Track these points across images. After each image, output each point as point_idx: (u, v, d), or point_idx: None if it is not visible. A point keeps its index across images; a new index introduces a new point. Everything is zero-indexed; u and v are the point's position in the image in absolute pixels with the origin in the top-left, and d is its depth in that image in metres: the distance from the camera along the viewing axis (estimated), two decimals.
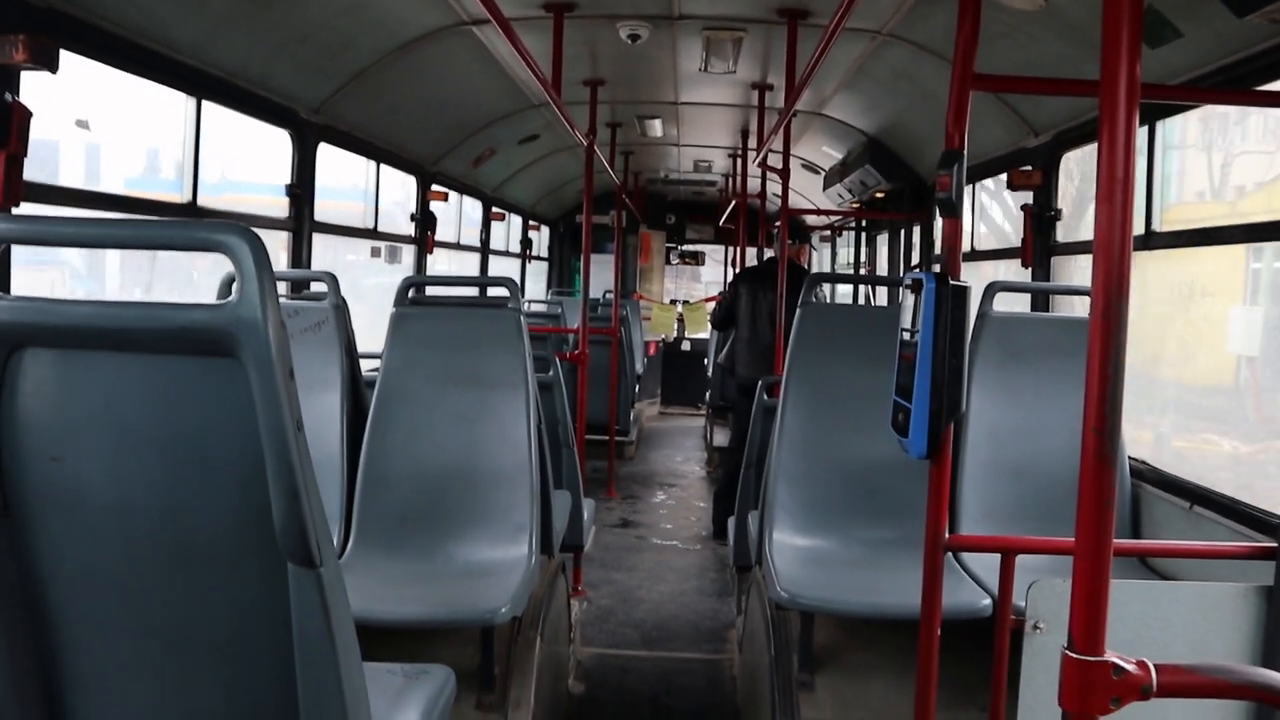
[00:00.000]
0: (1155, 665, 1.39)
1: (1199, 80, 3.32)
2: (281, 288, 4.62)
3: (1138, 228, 3.79)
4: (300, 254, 4.85)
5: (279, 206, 4.84)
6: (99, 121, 4.12)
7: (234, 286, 1.34)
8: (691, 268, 15.27)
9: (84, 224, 1.48)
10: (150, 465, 1.49)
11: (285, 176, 4.82)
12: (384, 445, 3.65)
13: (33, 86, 2.81)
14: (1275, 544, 2.45)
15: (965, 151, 2.30)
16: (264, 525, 1.43)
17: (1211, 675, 1.44)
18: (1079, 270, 4.59)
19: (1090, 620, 1.40)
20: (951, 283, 2.21)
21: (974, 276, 4.98)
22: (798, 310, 3.92)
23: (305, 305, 3.82)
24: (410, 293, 3.84)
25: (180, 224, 1.45)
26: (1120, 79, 1.37)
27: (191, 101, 3.95)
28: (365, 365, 4.12)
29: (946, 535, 2.36)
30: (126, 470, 1.49)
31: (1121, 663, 1.38)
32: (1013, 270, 5.49)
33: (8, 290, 2.76)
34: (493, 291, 4.38)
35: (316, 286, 4.12)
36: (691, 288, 15.77)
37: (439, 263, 7.34)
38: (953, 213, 2.29)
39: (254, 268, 1.33)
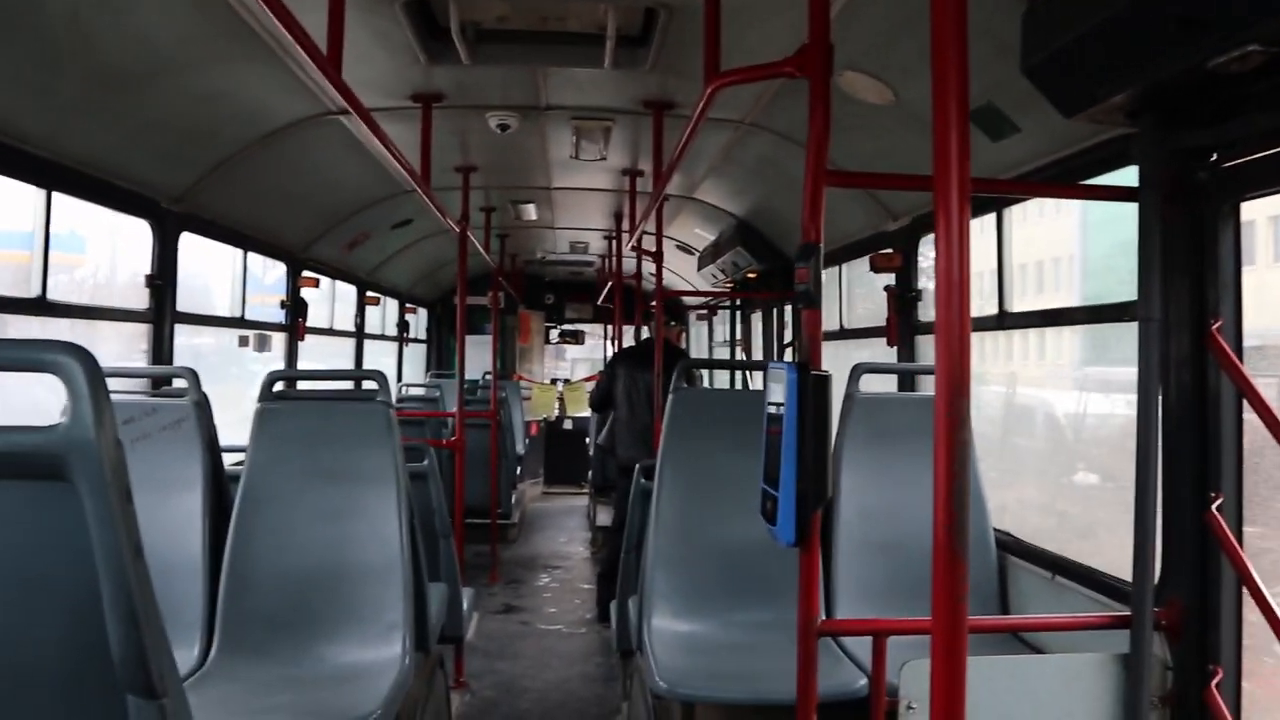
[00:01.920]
0: None
1: (1038, 171, 3.53)
2: (141, 384, 4.44)
3: (992, 308, 3.97)
4: (161, 347, 4.68)
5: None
6: None
7: (66, 408, 1.28)
8: (556, 346, 15.30)
9: None
10: None
11: None
12: (249, 545, 3.52)
13: None
14: (1130, 613, 2.56)
15: (822, 245, 2.39)
16: (103, 655, 1.35)
17: None
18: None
19: (949, 709, 1.43)
20: (813, 372, 2.26)
21: (852, 353, 5.12)
22: (669, 396, 3.97)
23: (164, 403, 3.68)
24: (275, 386, 3.74)
25: (7, 344, 1.38)
26: (952, 184, 1.45)
27: (41, 194, 3.80)
28: (233, 458, 3.97)
29: (819, 620, 2.38)
30: None
31: None
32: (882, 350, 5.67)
33: None
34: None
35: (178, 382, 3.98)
36: (557, 365, 15.78)
37: (314, 349, 7.18)
38: (811, 304, 2.36)
39: (87, 388, 1.27)
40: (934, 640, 1.43)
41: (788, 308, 7.80)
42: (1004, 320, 3.93)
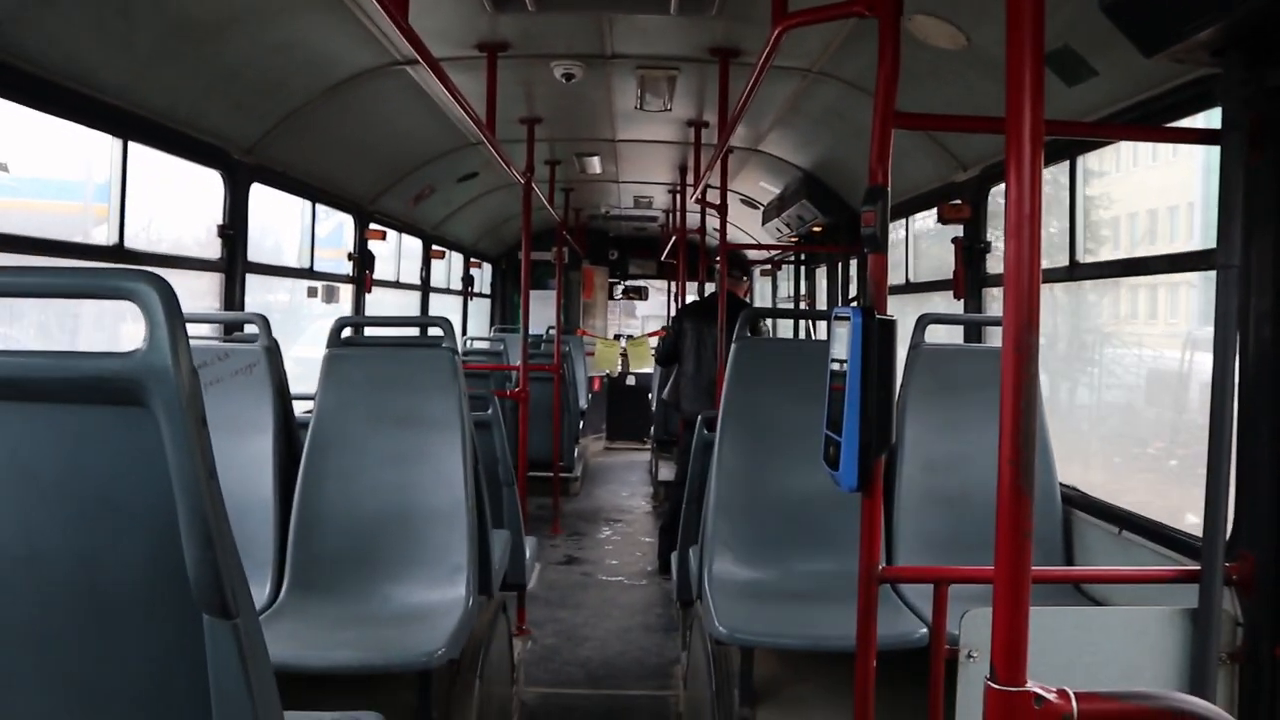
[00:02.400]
0: (1076, 694, 1.41)
1: (1115, 116, 3.42)
2: (213, 329, 4.55)
3: (1063, 259, 3.88)
4: (233, 295, 4.78)
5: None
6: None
7: (144, 334, 1.31)
8: (626, 303, 15.31)
9: None
10: (60, 517, 1.45)
11: None
12: (318, 488, 3.60)
13: None
14: (1199, 567, 2.51)
15: (889, 188, 2.35)
16: (179, 576, 1.40)
17: (1133, 702, 1.46)
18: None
19: (1011, 650, 1.42)
20: (878, 317, 2.24)
21: (916, 308, 5.06)
22: (733, 346, 3.95)
23: (236, 348, 3.76)
24: (344, 333, 3.81)
25: (88, 271, 1.42)
26: (1024, 120, 1.41)
27: (118, 143, 3.89)
28: (301, 406, 4.06)
29: (880, 567, 2.37)
30: (36, 522, 1.45)
31: (1043, 692, 1.40)
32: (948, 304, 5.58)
33: None
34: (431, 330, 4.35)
35: (249, 328, 4.07)
36: (627, 322, 15.80)
37: (380, 302, 7.29)
38: (877, 248, 2.33)
39: (163, 315, 1.30)
40: (997, 581, 1.42)
41: (853, 262, 7.71)
42: (1075, 271, 3.84)
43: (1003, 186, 4.59)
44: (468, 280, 10.87)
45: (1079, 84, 3.39)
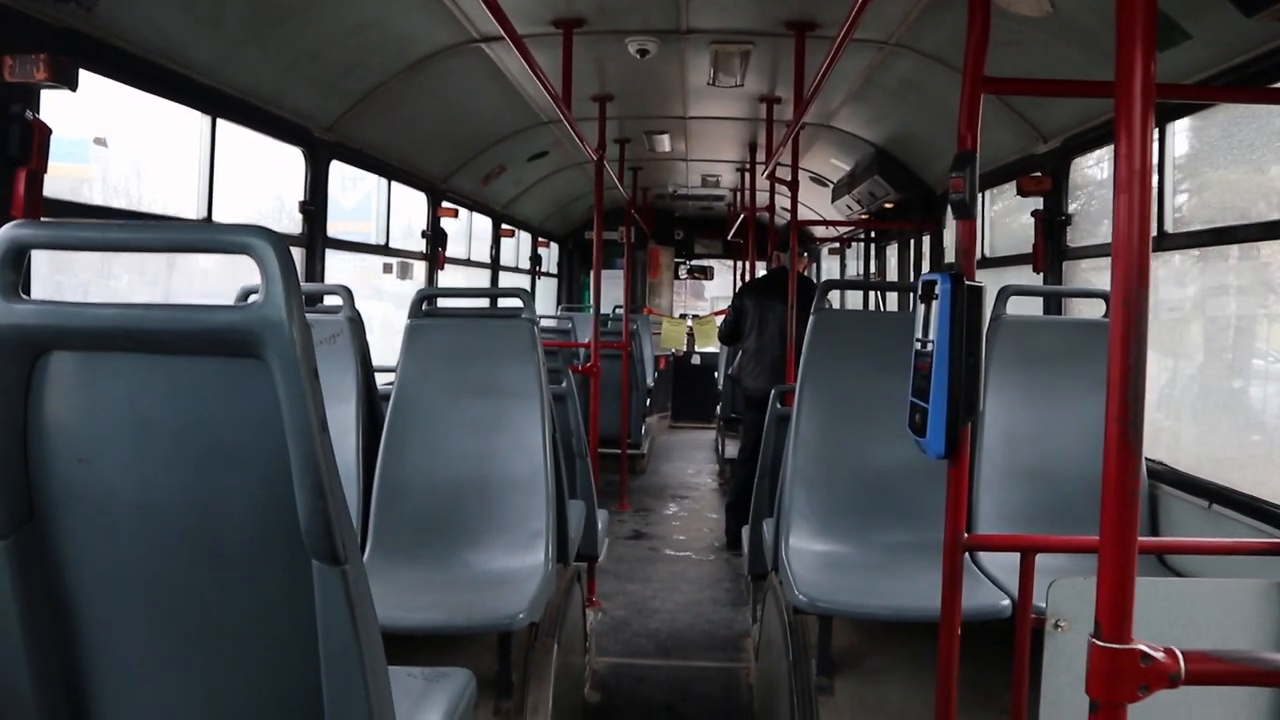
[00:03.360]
0: (1183, 653, 1.40)
1: (1209, 81, 3.33)
2: None
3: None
4: (314, 268, 4.89)
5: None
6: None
7: (259, 288, 1.36)
8: (694, 283, 15.31)
9: (109, 228, 1.50)
10: (176, 465, 1.50)
11: None
12: (400, 455, 3.67)
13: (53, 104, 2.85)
14: None
15: (978, 154, 2.32)
16: (290, 523, 1.44)
17: (1240, 663, 1.44)
18: (1096, 275, 4.58)
19: (1117, 608, 1.41)
20: (967, 283, 2.22)
21: (994, 283, 4.97)
22: (811, 317, 3.93)
23: (320, 318, 3.84)
24: (424, 305, 3.87)
25: (204, 228, 1.48)
26: (1135, 72, 1.38)
27: (206, 120, 3.99)
28: (380, 379, 4.14)
29: (965, 535, 2.36)
30: (153, 471, 1.51)
31: (1149, 650, 1.39)
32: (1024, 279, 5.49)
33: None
34: (506, 303, 4.40)
35: (331, 300, 4.16)
36: (695, 304, 15.80)
37: (449, 280, 7.37)
38: (966, 214, 2.31)
39: (278, 269, 1.34)
40: (1103, 538, 1.41)
41: (925, 238, 7.61)
42: (1163, 241, 3.76)
43: (1083, 158, 4.53)
44: (535, 259, 10.96)
45: (1171, 48, 3.30)
